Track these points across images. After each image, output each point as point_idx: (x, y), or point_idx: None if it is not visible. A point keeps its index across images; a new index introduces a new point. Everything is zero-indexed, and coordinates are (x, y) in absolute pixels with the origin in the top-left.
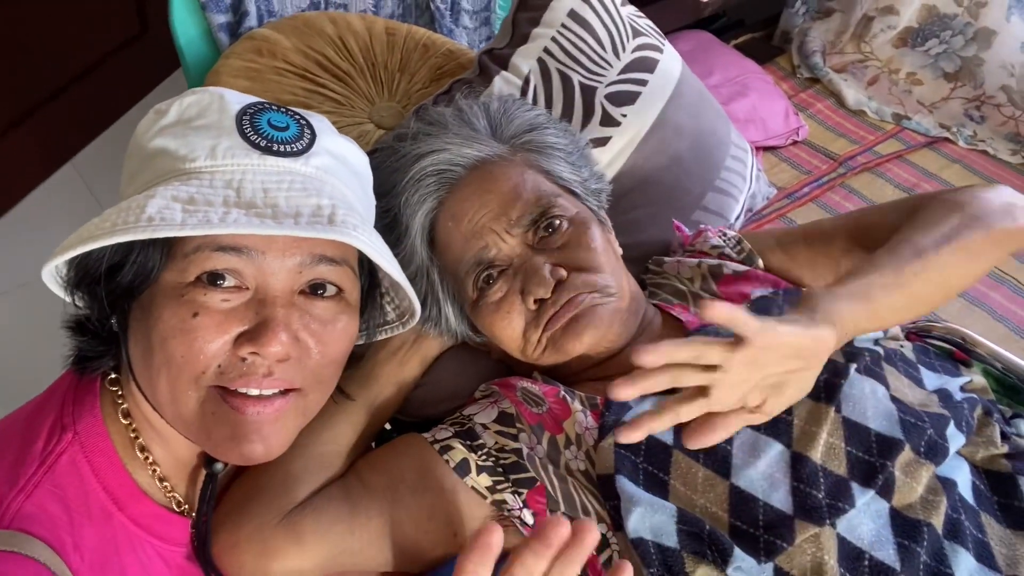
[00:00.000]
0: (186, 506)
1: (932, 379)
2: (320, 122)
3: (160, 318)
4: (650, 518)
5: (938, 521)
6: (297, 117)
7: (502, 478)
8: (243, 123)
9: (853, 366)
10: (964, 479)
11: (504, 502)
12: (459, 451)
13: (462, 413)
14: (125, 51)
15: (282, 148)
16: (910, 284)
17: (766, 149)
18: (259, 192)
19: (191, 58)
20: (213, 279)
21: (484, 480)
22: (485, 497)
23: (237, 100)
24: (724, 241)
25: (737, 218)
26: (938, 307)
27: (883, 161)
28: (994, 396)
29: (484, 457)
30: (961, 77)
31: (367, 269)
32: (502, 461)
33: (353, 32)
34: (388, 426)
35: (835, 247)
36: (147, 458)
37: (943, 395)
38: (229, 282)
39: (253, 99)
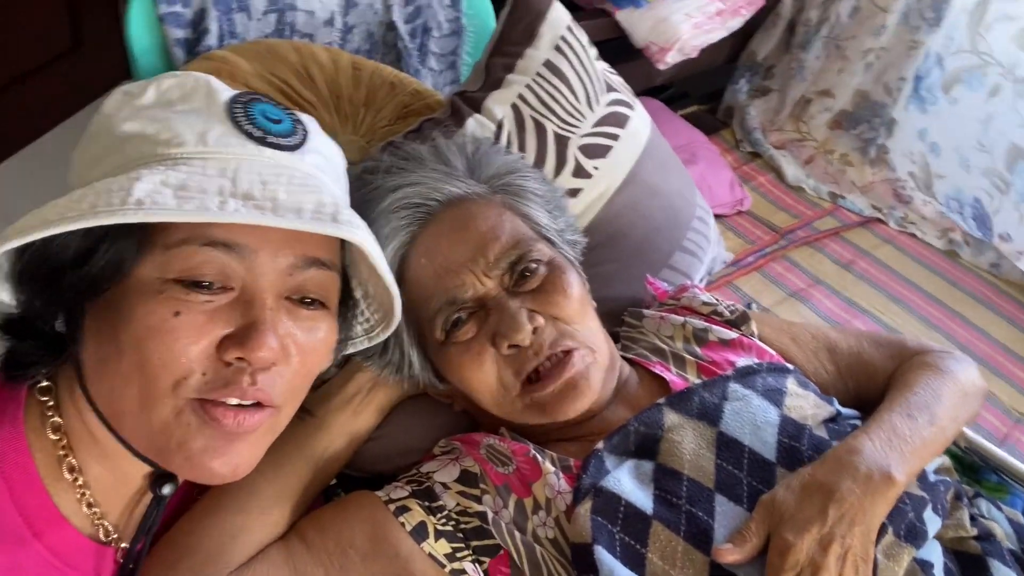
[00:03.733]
0: (115, 536)
1: None
2: (310, 121)
3: (133, 317)
4: None
5: None
6: (289, 112)
7: (462, 545)
8: (235, 111)
9: (836, 443)
10: (939, 561)
11: (463, 572)
12: (416, 513)
13: (420, 470)
14: (53, 67)
15: (278, 141)
16: (936, 453)
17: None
18: (256, 184)
19: (143, 70)
20: (196, 284)
21: (443, 547)
22: (443, 566)
23: (225, 88)
24: (716, 299)
25: (701, 280)
26: None
27: (821, 237)
28: (955, 474)
29: (444, 521)
30: (877, 163)
31: (342, 280)
32: (463, 525)
33: (318, 63)
34: (334, 481)
35: (837, 363)
36: (76, 479)
37: (920, 474)
38: (213, 285)
39: (240, 90)
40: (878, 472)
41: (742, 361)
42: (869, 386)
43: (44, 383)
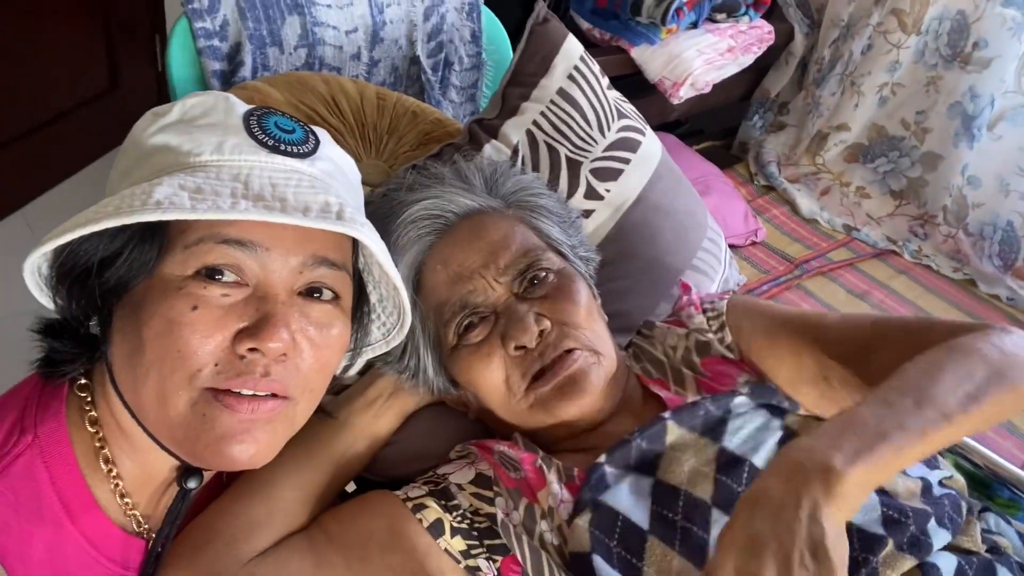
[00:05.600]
0: (146, 526)
1: (916, 467)
2: (322, 133)
3: (156, 313)
4: None
5: None
6: (302, 124)
7: (476, 542)
8: (250, 123)
9: None
10: (948, 565)
11: (478, 568)
12: (433, 510)
13: (436, 472)
14: (92, 105)
15: (290, 148)
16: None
17: (728, 247)
18: (267, 186)
19: None
20: (212, 273)
21: (458, 543)
22: (458, 561)
23: (242, 104)
24: (708, 323)
25: None
26: None
27: (835, 267)
28: (965, 489)
29: (459, 519)
30: (906, 195)
31: (356, 284)
32: (477, 524)
33: (345, 93)
34: (352, 487)
35: (826, 350)
36: (111, 471)
37: (925, 486)
38: (229, 277)
39: (257, 104)
40: (811, 464)
41: (744, 377)
42: (876, 370)
43: (82, 381)
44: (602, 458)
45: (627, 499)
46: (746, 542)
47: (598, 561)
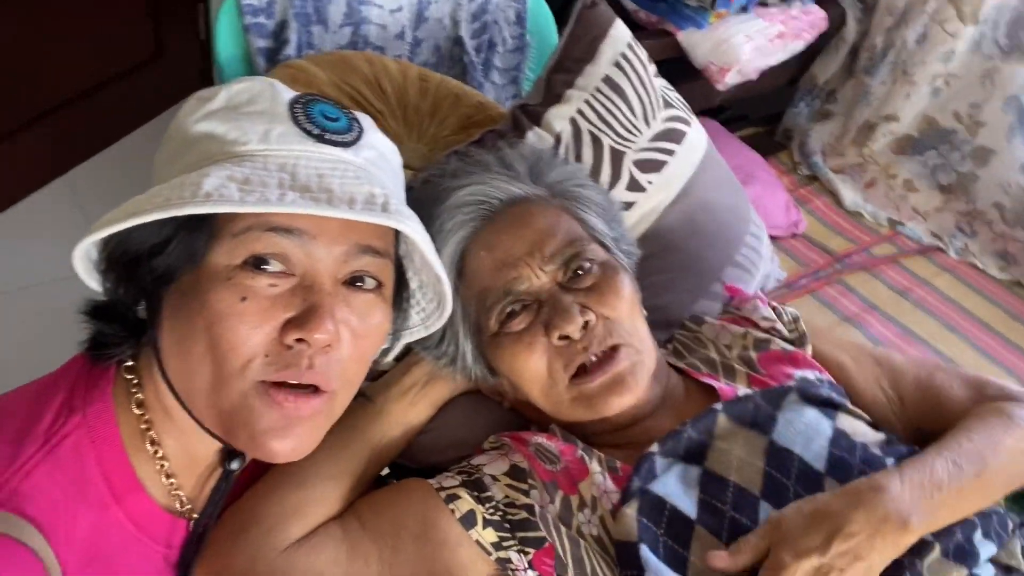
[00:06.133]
0: (188, 507)
1: None
2: (365, 119)
3: (206, 303)
4: None
5: None
6: (346, 111)
7: (508, 535)
8: (296, 111)
9: (890, 460)
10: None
11: (509, 560)
12: (466, 501)
13: (470, 463)
14: (137, 72)
15: (334, 138)
16: (976, 507)
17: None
18: (313, 177)
19: (228, 77)
20: (259, 263)
21: (490, 535)
22: (489, 553)
23: (288, 90)
24: (777, 315)
25: None
26: None
27: (878, 263)
28: (1003, 504)
29: (492, 511)
30: (955, 190)
31: (397, 270)
32: (510, 517)
33: (388, 74)
34: (387, 471)
35: (900, 391)
36: (156, 452)
37: None
38: (275, 267)
39: (302, 88)
40: (896, 517)
41: (800, 374)
42: (936, 422)
43: (129, 363)
44: (654, 447)
45: (675, 488)
46: (818, 565)
47: (644, 550)
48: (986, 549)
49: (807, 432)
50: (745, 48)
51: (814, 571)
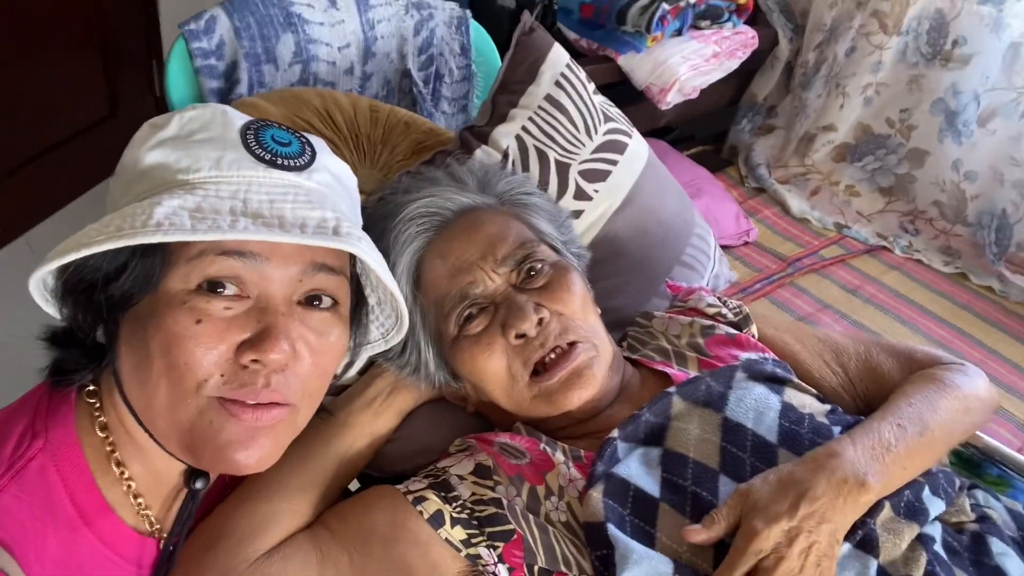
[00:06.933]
0: (158, 526)
1: None
2: (318, 142)
3: (162, 326)
4: (647, 567)
5: (919, 575)
6: (298, 135)
7: (477, 531)
8: (247, 137)
9: (837, 429)
10: (939, 536)
11: (479, 556)
12: (433, 502)
13: (436, 466)
14: (92, 132)
15: (286, 162)
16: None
17: (721, 248)
18: (265, 203)
19: None
20: (214, 286)
21: (459, 533)
22: (459, 550)
23: (239, 116)
24: (722, 302)
25: None
26: None
27: (828, 264)
28: (950, 468)
29: (459, 509)
30: (895, 192)
31: (355, 287)
32: (478, 513)
33: (339, 106)
34: (356, 484)
35: (845, 366)
36: (123, 474)
37: None
38: (230, 290)
39: (254, 117)
40: (853, 478)
41: (745, 355)
42: (879, 393)
43: (90, 387)
44: (614, 433)
45: (638, 469)
46: (787, 528)
47: (612, 529)
48: (935, 506)
49: (757, 407)
50: (682, 68)
51: (784, 534)
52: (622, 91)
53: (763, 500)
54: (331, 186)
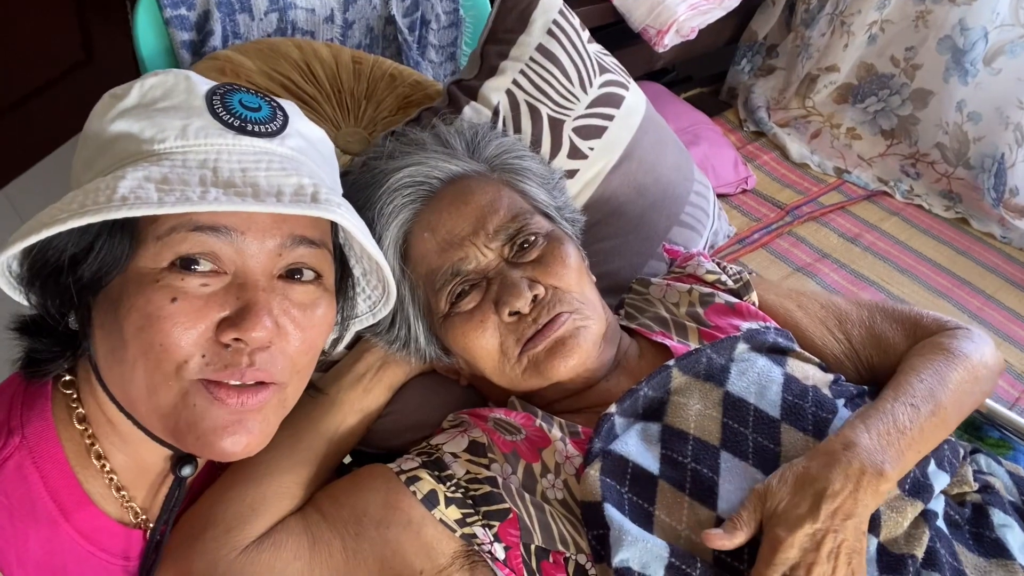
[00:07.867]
0: (143, 517)
1: None
2: (290, 106)
3: (134, 307)
4: (640, 550)
5: (920, 552)
6: (268, 99)
7: (472, 510)
8: (214, 103)
9: (840, 401)
10: (941, 510)
11: (474, 536)
12: (427, 482)
13: (429, 443)
14: (67, 79)
15: (257, 128)
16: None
17: (718, 196)
18: (237, 172)
19: None
20: (187, 263)
21: (453, 512)
22: (454, 531)
23: (204, 81)
24: (721, 268)
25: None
26: None
27: (827, 211)
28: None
29: (453, 489)
30: (897, 135)
31: (339, 258)
32: (472, 492)
33: (319, 59)
34: (348, 459)
35: (848, 334)
36: (103, 466)
37: None
38: (205, 266)
39: (226, 77)
40: (871, 468)
41: (747, 325)
42: (883, 361)
43: (66, 377)
44: (612, 408)
45: (636, 446)
46: (812, 532)
47: (609, 509)
48: (940, 480)
49: (759, 380)
50: (681, 7)
51: (809, 539)
52: (615, 32)
53: (783, 504)
54: (306, 152)
